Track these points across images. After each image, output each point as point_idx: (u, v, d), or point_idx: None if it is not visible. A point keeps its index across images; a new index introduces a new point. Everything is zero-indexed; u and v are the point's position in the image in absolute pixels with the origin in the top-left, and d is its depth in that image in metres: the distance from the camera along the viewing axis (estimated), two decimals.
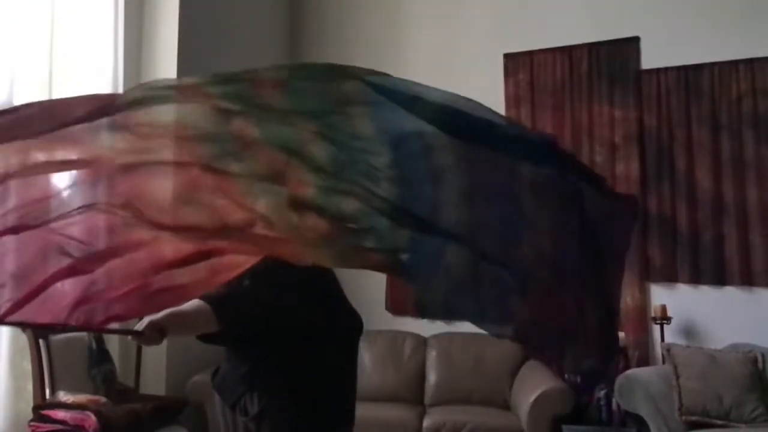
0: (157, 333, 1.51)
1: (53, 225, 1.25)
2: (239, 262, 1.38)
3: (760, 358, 3.30)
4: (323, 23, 5.11)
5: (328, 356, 1.70)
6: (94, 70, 3.36)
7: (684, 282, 3.96)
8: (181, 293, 1.41)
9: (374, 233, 1.28)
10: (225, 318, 1.57)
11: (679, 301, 3.91)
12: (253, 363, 1.69)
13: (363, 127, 1.27)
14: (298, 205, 1.26)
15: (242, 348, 1.73)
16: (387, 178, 1.26)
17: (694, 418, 3.16)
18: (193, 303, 1.56)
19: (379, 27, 4.93)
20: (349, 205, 1.26)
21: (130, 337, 1.59)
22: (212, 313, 1.56)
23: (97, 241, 1.28)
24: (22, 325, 1.33)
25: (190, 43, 3.79)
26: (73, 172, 1.28)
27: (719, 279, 3.88)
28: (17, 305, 1.25)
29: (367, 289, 4.01)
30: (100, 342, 3.17)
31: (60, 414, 2.70)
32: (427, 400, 4.04)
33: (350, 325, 1.80)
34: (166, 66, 3.71)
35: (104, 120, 1.24)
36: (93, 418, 2.66)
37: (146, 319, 1.51)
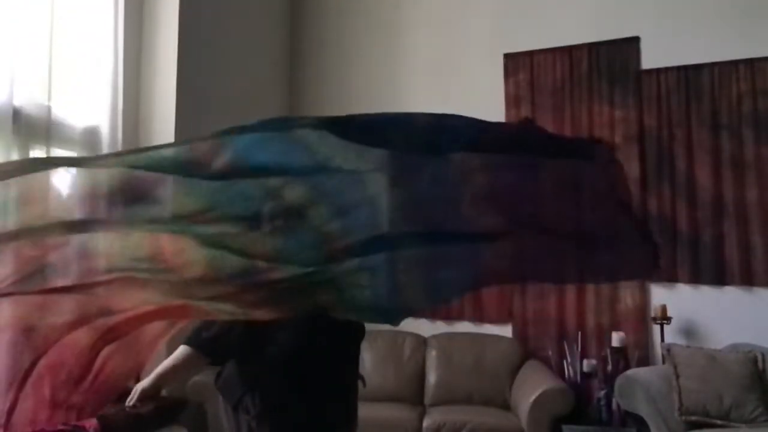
0: (150, 400, 1.53)
1: None
2: (155, 334, 1.35)
3: (760, 358, 3.30)
4: (323, 25, 5.11)
5: (329, 358, 1.70)
6: (94, 70, 3.35)
7: (684, 282, 3.96)
8: (119, 381, 1.39)
9: (307, 276, 1.25)
10: (214, 354, 1.60)
11: (679, 301, 3.91)
12: (255, 363, 1.69)
13: (251, 182, 1.24)
14: (192, 280, 1.24)
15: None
16: (306, 212, 1.25)
17: (694, 418, 3.16)
18: (178, 353, 1.61)
19: (379, 28, 4.93)
20: (266, 255, 1.24)
21: (128, 409, 1.61)
22: (199, 355, 1.60)
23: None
24: None
25: (190, 43, 3.79)
26: None
27: (719, 279, 3.88)
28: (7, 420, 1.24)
29: None
30: None
31: None
32: (427, 400, 4.05)
33: (351, 328, 1.80)
34: (166, 66, 3.72)
35: None
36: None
37: (138, 387, 1.53)
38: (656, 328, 3.89)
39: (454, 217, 1.31)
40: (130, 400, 1.57)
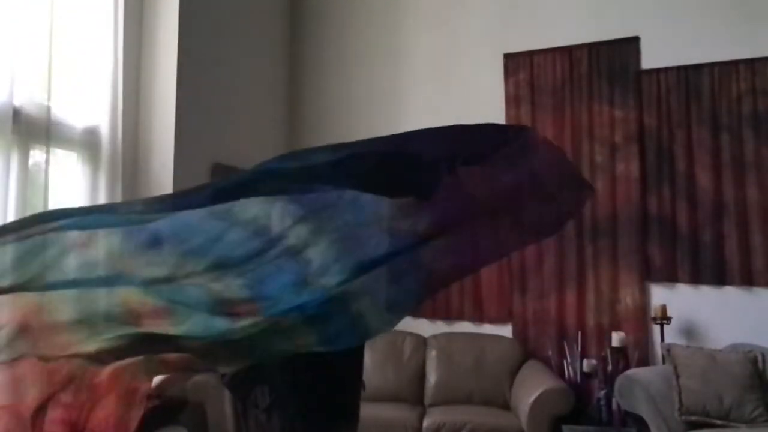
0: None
1: None
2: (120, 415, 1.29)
3: (760, 358, 3.30)
4: (323, 23, 5.11)
5: (334, 354, 1.72)
6: (94, 70, 3.36)
7: (684, 282, 3.96)
8: None
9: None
10: None
11: (679, 301, 3.91)
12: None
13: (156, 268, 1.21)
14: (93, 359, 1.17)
15: None
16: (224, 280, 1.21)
17: (694, 418, 3.16)
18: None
19: (380, 27, 4.93)
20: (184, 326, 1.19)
21: None
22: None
23: None
24: None
25: (190, 43, 3.79)
26: None
27: (719, 279, 3.88)
28: None
29: None
30: None
31: None
32: (427, 400, 4.05)
33: None
34: (166, 66, 3.72)
35: None
36: None
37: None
38: (656, 328, 3.89)
39: (385, 235, 1.28)
40: None
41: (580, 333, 4.07)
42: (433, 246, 1.29)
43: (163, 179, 3.63)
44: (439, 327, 4.43)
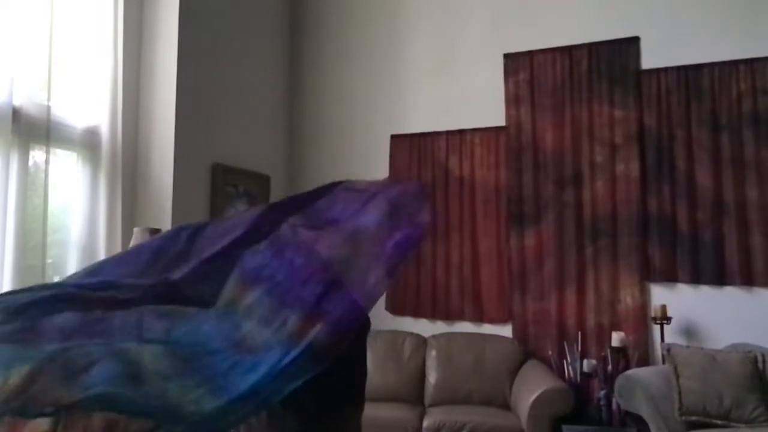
0: None
1: None
2: None
3: (760, 358, 3.30)
4: (323, 24, 5.11)
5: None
6: (94, 70, 3.36)
7: (684, 282, 3.96)
8: None
9: None
10: None
11: (679, 301, 3.91)
12: None
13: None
14: None
15: None
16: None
17: (694, 418, 3.16)
18: None
19: (380, 27, 4.93)
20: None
21: None
22: None
23: None
24: None
25: (189, 43, 3.79)
26: None
27: (719, 279, 3.88)
28: None
29: None
30: None
31: None
32: (427, 400, 4.05)
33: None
34: (166, 66, 3.72)
35: None
36: None
37: None
38: (656, 328, 3.89)
39: (250, 357, 1.08)
40: None
41: (580, 333, 4.07)
42: (316, 330, 1.10)
43: (163, 179, 3.64)
44: (439, 327, 4.43)
